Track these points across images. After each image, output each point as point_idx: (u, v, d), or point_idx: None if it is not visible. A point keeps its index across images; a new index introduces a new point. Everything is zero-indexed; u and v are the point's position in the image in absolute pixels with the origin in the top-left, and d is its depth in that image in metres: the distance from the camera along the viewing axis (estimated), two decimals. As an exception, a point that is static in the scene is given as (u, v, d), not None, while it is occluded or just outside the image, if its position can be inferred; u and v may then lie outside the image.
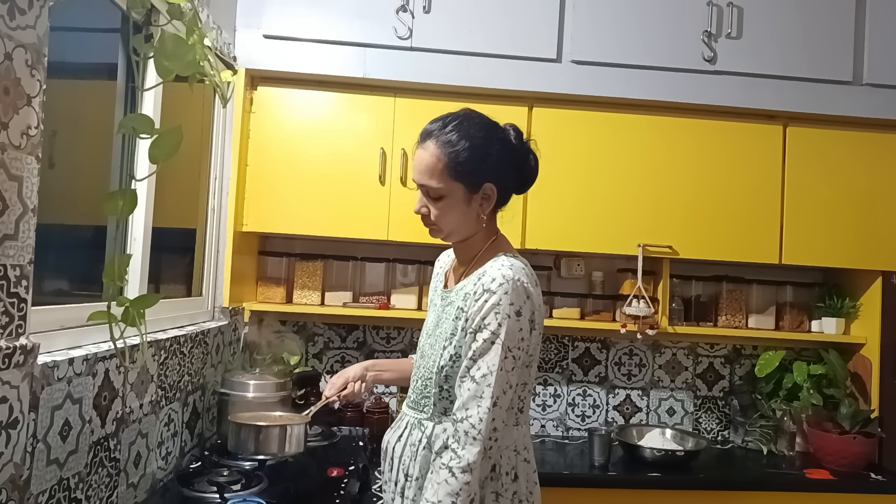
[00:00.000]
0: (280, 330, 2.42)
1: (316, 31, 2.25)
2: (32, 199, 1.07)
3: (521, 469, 1.38)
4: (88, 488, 1.31)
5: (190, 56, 1.39)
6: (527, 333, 1.32)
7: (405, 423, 1.45)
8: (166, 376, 1.65)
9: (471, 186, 1.36)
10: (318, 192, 2.29)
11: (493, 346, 1.28)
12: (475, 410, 1.27)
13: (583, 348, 2.69)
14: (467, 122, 1.38)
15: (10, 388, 1.04)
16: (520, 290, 1.30)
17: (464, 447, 1.25)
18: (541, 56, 2.30)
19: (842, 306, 2.52)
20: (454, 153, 1.34)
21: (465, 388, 1.29)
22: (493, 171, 1.37)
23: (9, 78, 1.00)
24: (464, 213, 1.38)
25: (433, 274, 1.60)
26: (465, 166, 1.34)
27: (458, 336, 1.35)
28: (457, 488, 1.24)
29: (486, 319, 1.29)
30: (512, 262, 1.35)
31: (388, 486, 1.46)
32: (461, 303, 1.36)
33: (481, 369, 1.28)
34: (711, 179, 2.39)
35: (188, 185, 2.08)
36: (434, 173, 1.35)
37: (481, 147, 1.36)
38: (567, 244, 2.37)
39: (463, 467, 1.24)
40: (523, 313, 1.30)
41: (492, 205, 1.40)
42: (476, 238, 1.43)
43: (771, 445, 2.48)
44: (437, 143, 1.35)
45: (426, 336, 1.47)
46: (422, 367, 1.44)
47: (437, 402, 1.38)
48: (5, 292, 1.01)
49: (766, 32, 2.36)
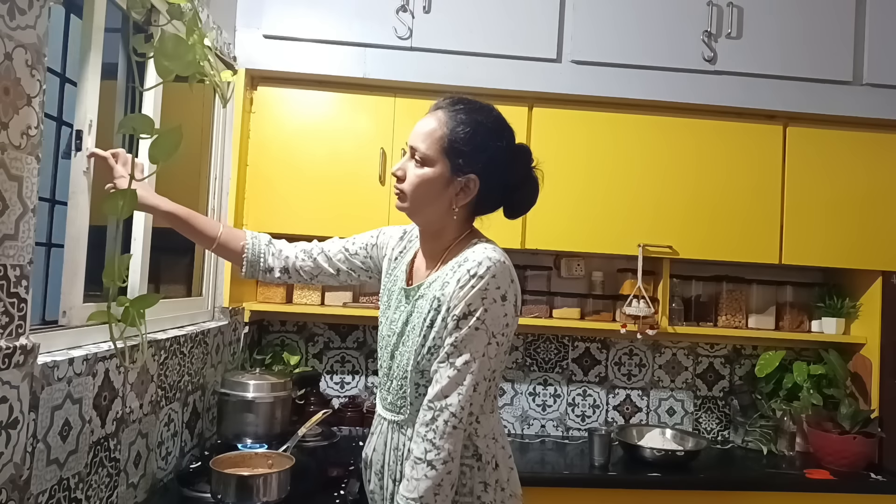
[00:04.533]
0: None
1: (316, 31, 2.26)
2: (32, 199, 1.07)
3: (499, 456, 1.36)
4: (88, 488, 1.31)
5: (190, 56, 1.39)
6: (511, 319, 1.29)
7: (384, 426, 1.42)
8: (166, 376, 1.65)
9: (455, 169, 1.32)
10: (318, 192, 2.29)
11: (478, 333, 1.25)
12: (455, 399, 1.23)
13: (583, 348, 2.68)
14: (483, 110, 1.36)
15: (10, 388, 1.03)
16: (505, 273, 1.28)
17: (443, 437, 1.22)
18: (541, 56, 2.30)
19: (842, 306, 2.52)
20: (455, 129, 1.32)
21: (444, 374, 1.25)
22: (483, 165, 1.32)
23: (9, 78, 1.00)
24: (437, 192, 1.33)
25: (385, 262, 1.54)
26: (459, 145, 1.31)
27: (438, 326, 1.30)
28: (438, 480, 1.22)
29: (473, 305, 1.25)
30: (493, 246, 1.34)
31: (376, 497, 1.45)
32: (438, 293, 1.31)
33: (464, 356, 1.25)
34: (711, 179, 2.39)
35: (188, 185, 2.08)
36: (427, 139, 1.33)
37: (483, 137, 1.33)
38: (567, 244, 2.37)
39: (444, 458, 1.22)
40: (508, 297, 1.28)
41: (468, 199, 1.34)
42: (447, 231, 1.38)
43: (771, 445, 2.48)
44: (445, 114, 1.33)
45: (393, 334, 1.40)
46: (395, 368, 1.39)
47: (413, 401, 1.34)
48: (5, 292, 1.01)
49: (766, 32, 2.36)
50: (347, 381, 2.62)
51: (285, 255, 1.60)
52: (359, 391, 2.61)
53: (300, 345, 2.61)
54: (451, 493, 1.25)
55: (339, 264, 1.60)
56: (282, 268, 1.60)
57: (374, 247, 1.58)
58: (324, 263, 1.60)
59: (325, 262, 1.60)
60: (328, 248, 1.61)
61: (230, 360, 2.17)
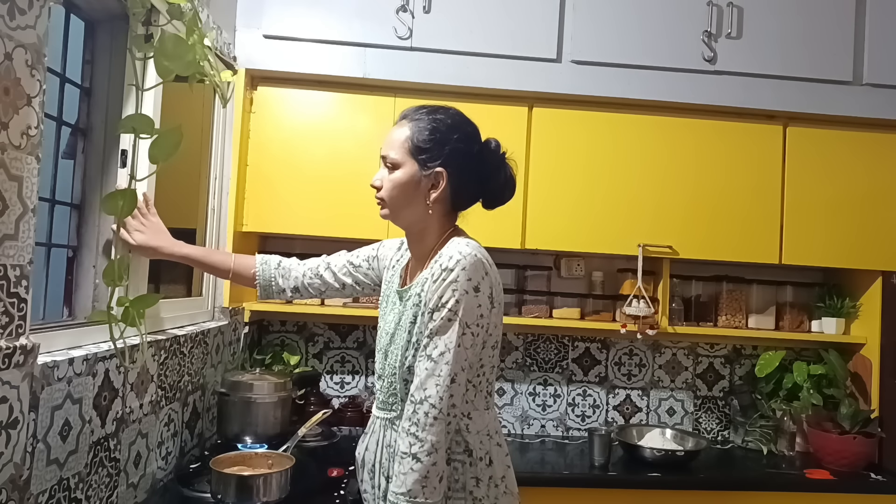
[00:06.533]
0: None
1: (316, 31, 2.26)
2: (32, 199, 1.07)
3: (494, 453, 1.38)
4: (88, 488, 1.31)
5: (190, 56, 1.39)
6: (486, 310, 1.32)
7: (377, 425, 1.46)
8: (166, 376, 1.65)
9: (423, 166, 1.39)
10: (318, 192, 2.29)
11: (451, 324, 1.29)
12: (434, 389, 1.27)
13: (583, 348, 2.69)
14: (442, 111, 1.44)
15: (10, 388, 1.04)
16: (477, 265, 1.32)
17: (424, 429, 1.25)
18: (541, 56, 2.30)
19: (842, 306, 2.52)
20: (417, 131, 1.40)
21: (422, 366, 1.30)
22: (449, 158, 1.39)
23: (9, 78, 1.00)
24: (411, 192, 1.40)
25: (384, 272, 1.60)
26: (422, 144, 1.39)
27: (419, 323, 1.35)
28: (424, 472, 1.24)
29: (444, 298, 1.29)
30: (468, 241, 1.38)
31: (368, 496, 1.47)
32: (418, 290, 1.38)
33: (438, 347, 1.28)
34: (711, 179, 2.39)
35: (188, 185, 2.08)
36: (395, 145, 1.41)
37: (444, 132, 1.40)
38: (567, 244, 2.37)
39: (427, 450, 1.24)
40: (481, 289, 1.31)
41: (439, 192, 1.39)
42: (429, 231, 1.44)
43: (771, 445, 2.48)
44: (409, 121, 1.43)
45: (387, 335, 1.46)
46: (387, 367, 1.44)
47: (403, 397, 1.38)
48: (5, 292, 1.01)
49: (766, 32, 2.36)
50: (347, 381, 2.62)
51: (294, 276, 1.70)
52: (359, 391, 2.61)
53: (300, 345, 2.61)
54: (439, 485, 1.26)
55: (344, 278, 1.67)
56: (292, 288, 1.70)
57: (375, 259, 1.65)
58: (330, 280, 1.68)
59: (331, 278, 1.68)
60: (334, 264, 1.68)
61: (230, 360, 2.17)
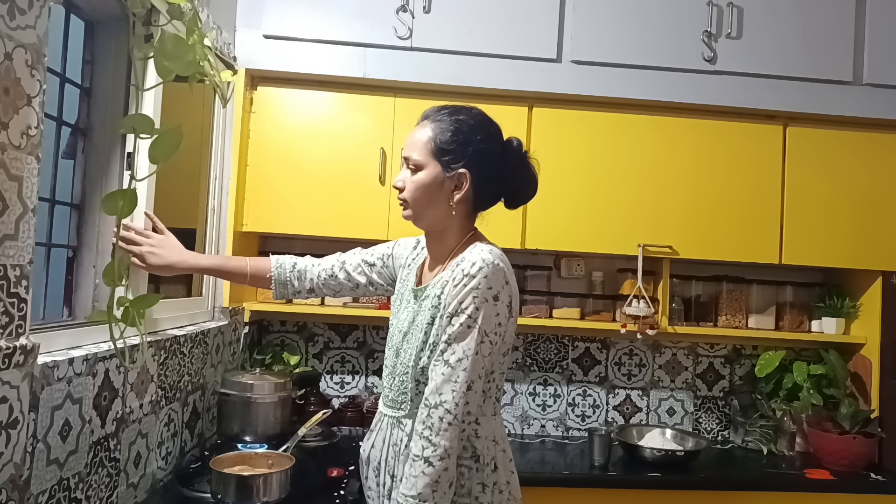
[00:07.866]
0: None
1: (316, 31, 2.25)
2: (32, 199, 1.07)
3: (499, 459, 1.38)
4: (88, 488, 1.31)
5: (190, 56, 1.39)
6: (504, 319, 1.32)
7: (384, 423, 1.46)
8: (166, 376, 1.65)
9: (446, 167, 1.39)
10: (318, 192, 2.29)
11: (470, 331, 1.29)
12: (449, 395, 1.26)
13: (583, 348, 2.69)
14: (464, 112, 1.43)
15: (10, 388, 1.04)
16: (499, 274, 1.32)
17: (438, 433, 1.25)
18: (541, 56, 2.30)
19: (842, 306, 2.52)
20: (440, 132, 1.39)
21: (438, 371, 1.29)
22: (472, 159, 1.39)
23: (9, 78, 1.00)
24: (434, 193, 1.40)
25: (399, 270, 1.59)
26: (445, 145, 1.38)
27: (437, 325, 1.35)
28: (435, 477, 1.24)
29: (464, 303, 1.29)
30: (491, 247, 1.38)
31: (372, 493, 1.46)
32: (437, 291, 1.37)
33: (456, 353, 1.28)
34: (711, 179, 2.39)
35: (188, 185, 2.08)
36: (417, 147, 1.41)
37: (466, 133, 1.39)
38: (567, 244, 2.37)
39: (440, 455, 1.24)
40: (501, 298, 1.31)
41: (463, 193, 1.39)
42: (450, 232, 1.44)
43: (771, 445, 2.48)
44: (431, 122, 1.42)
45: (400, 333, 1.45)
46: (398, 365, 1.43)
47: (413, 397, 1.38)
48: (5, 292, 1.01)
49: (766, 32, 2.36)
50: (347, 381, 2.62)
51: (309, 277, 1.70)
52: (359, 391, 2.61)
53: (300, 345, 2.61)
54: (449, 490, 1.26)
55: (358, 278, 1.67)
56: (308, 289, 1.71)
57: (390, 257, 1.65)
58: (343, 279, 1.68)
59: (345, 278, 1.68)
60: (348, 263, 1.68)
61: (230, 360, 2.17)
